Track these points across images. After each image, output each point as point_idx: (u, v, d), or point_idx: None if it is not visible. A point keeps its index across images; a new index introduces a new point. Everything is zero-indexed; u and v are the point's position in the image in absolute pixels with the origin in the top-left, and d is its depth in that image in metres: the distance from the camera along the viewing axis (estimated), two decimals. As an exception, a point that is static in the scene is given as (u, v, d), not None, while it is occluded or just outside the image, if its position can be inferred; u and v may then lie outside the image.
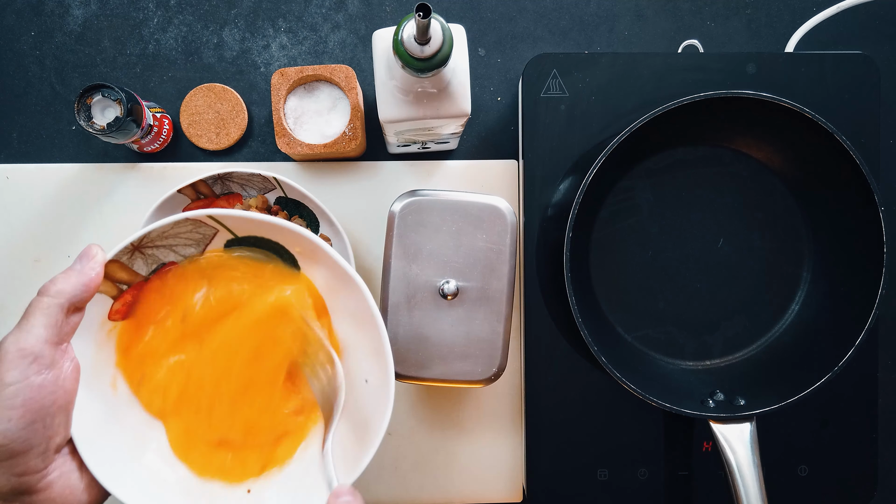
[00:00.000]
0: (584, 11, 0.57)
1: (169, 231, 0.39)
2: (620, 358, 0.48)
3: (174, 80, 0.55)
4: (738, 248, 0.52)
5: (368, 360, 0.40)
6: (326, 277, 0.41)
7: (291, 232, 0.39)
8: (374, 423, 0.39)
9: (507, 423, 0.55)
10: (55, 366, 0.35)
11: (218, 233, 0.40)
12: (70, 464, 0.36)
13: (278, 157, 0.56)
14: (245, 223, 0.40)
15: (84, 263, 0.36)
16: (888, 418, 0.57)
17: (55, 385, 0.35)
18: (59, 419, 0.35)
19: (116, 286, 0.39)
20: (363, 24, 0.56)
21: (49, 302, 0.35)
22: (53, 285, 0.35)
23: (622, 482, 0.52)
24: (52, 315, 0.34)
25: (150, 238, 0.39)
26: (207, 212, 0.38)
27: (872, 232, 0.46)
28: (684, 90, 0.51)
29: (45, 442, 0.34)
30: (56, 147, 0.55)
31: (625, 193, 0.52)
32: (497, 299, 0.43)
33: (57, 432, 0.35)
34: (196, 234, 0.40)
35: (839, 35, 0.58)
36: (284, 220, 0.39)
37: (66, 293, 0.35)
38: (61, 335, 0.35)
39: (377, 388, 0.39)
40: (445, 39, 0.36)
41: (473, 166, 0.55)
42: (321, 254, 0.39)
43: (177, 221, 0.38)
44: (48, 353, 0.34)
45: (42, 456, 0.34)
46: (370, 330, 0.39)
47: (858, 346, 0.45)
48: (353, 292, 0.40)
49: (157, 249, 0.40)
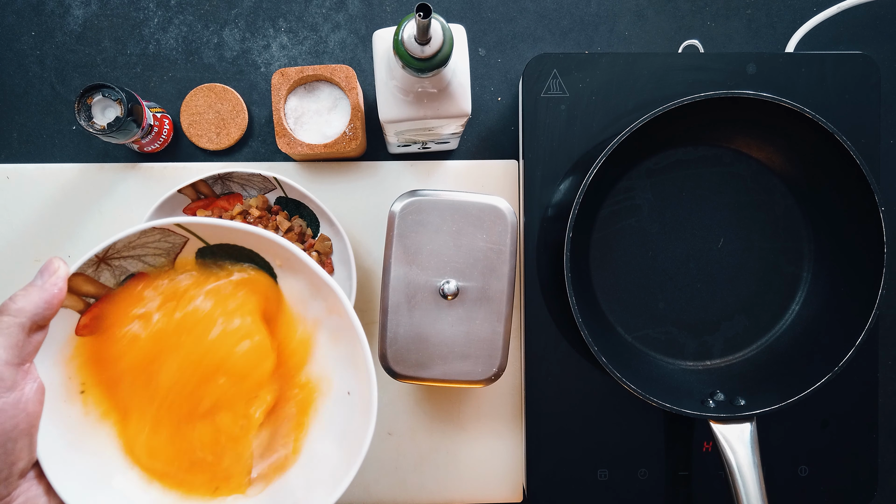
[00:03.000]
0: (585, 11, 0.57)
1: (136, 241, 0.37)
2: (620, 358, 0.48)
3: (174, 80, 0.55)
4: (738, 248, 0.52)
5: (349, 371, 0.39)
6: (303, 285, 0.39)
7: (266, 239, 0.38)
8: (358, 435, 0.38)
9: (507, 423, 0.55)
10: (16, 388, 0.33)
11: (188, 241, 0.39)
12: (36, 488, 0.35)
13: (278, 157, 0.56)
14: (215, 230, 0.38)
15: (45, 279, 0.34)
16: (888, 418, 0.57)
17: (16, 409, 0.33)
18: (20, 443, 0.33)
19: (83, 300, 0.38)
20: (363, 24, 0.56)
21: (9, 321, 0.33)
22: (13, 303, 0.33)
23: (622, 482, 0.52)
24: (12, 335, 0.33)
25: (116, 249, 0.37)
26: (175, 220, 0.37)
27: (872, 232, 0.46)
28: (684, 90, 0.51)
29: (7, 468, 0.33)
30: (56, 147, 0.55)
31: (625, 193, 0.52)
32: (497, 299, 0.43)
33: (20, 457, 0.33)
34: (165, 244, 0.39)
35: (839, 35, 0.58)
36: (256, 227, 0.37)
37: (27, 311, 0.33)
38: (23, 355, 0.34)
39: (360, 400, 0.38)
40: (446, 39, 0.36)
41: (473, 166, 0.55)
42: (296, 261, 0.38)
43: (143, 231, 0.37)
44: (9, 376, 0.33)
45: (5, 482, 0.33)
46: (351, 340, 0.38)
47: (858, 346, 0.45)
48: (331, 300, 0.38)
49: (124, 260, 0.38)
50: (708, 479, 0.53)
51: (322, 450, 0.39)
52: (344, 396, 0.40)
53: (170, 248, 0.39)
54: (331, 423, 0.40)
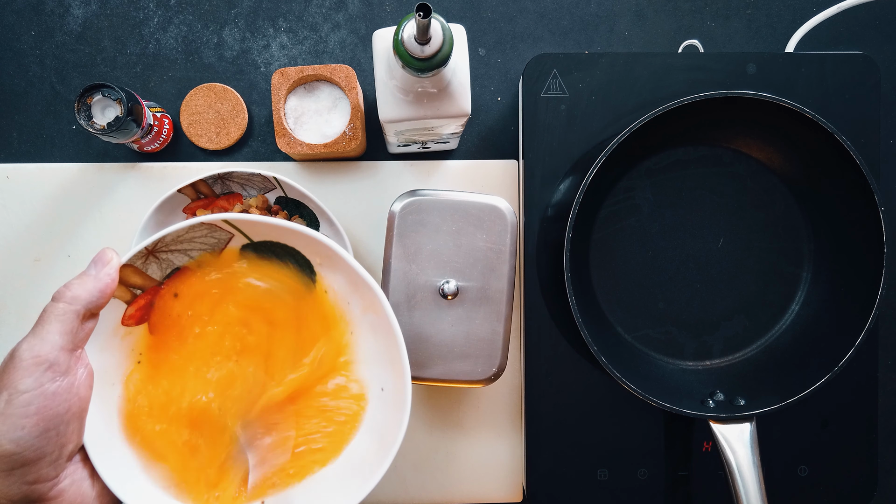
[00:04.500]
0: (585, 11, 0.57)
1: (184, 235, 0.39)
2: (620, 358, 0.48)
3: (174, 79, 0.55)
4: (738, 248, 0.52)
5: (384, 368, 0.40)
6: (343, 283, 0.40)
7: (308, 237, 0.39)
8: (391, 431, 0.39)
9: (507, 423, 0.55)
10: (70, 373, 0.34)
11: (233, 237, 0.40)
12: (82, 471, 0.36)
13: (278, 156, 0.56)
14: (261, 228, 0.39)
15: (99, 268, 0.36)
16: (888, 418, 0.57)
17: (69, 392, 0.34)
18: (72, 426, 0.35)
19: (130, 291, 0.39)
20: (363, 24, 0.56)
21: (65, 308, 0.34)
22: (69, 290, 0.34)
23: (622, 482, 0.52)
24: (67, 322, 0.34)
25: (165, 242, 0.38)
26: (224, 216, 0.38)
27: (872, 232, 0.46)
28: (684, 90, 0.51)
29: (58, 450, 0.34)
30: (56, 147, 0.55)
31: (625, 193, 0.52)
32: (497, 299, 0.43)
33: (70, 440, 0.35)
34: (211, 239, 0.40)
35: (839, 35, 0.58)
36: (302, 226, 0.38)
37: (82, 299, 0.35)
38: (76, 341, 0.35)
39: (394, 397, 0.39)
40: (445, 39, 0.36)
41: (473, 166, 0.55)
42: (338, 259, 0.39)
43: (192, 226, 0.38)
44: (63, 360, 0.34)
45: (54, 464, 0.34)
46: (387, 337, 0.39)
47: (858, 346, 0.45)
48: (370, 298, 0.39)
49: (171, 254, 0.39)
50: (708, 479, 0.53)
51: (355, 445, 0.40)
52: (378, 393, 0.40)
53: (215, 244, 0.40)
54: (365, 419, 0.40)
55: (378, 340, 0.40)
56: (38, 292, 0.53)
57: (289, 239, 0.40)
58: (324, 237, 0.39)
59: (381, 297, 0.39)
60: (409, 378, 0.38)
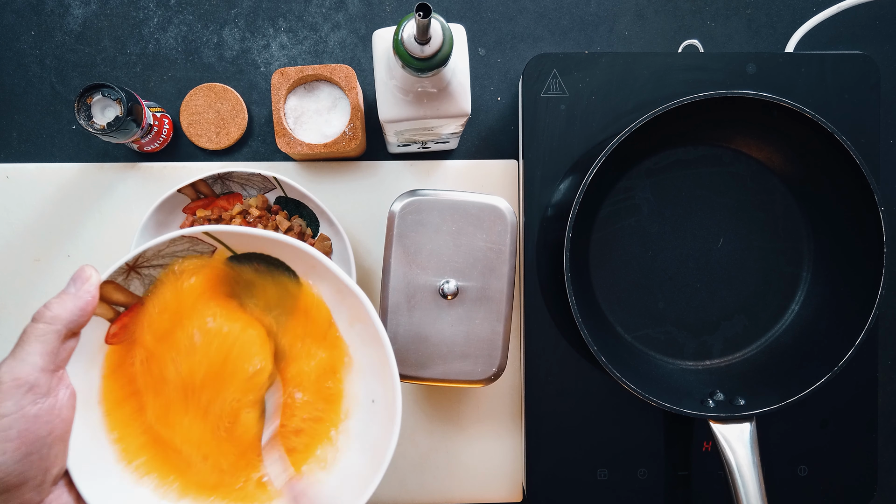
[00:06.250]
0: (584, 11, 0.57)
1: (165, 249, 0.38)
2: (620, 358, 0.48)
3: (174, 79, 0.55)
4: (738, 248, 0.52)
5: (375, 379, 0.40)
6: (329, 292, 0.40)
7: (292, 247, 0.38)
8: (382, 442, 0.38)
9: (507, 423, 0.55)
10: (51, 394, 0.33)
11: (216, 250, 0.39)
12: (67, 496, 0.35)
13: (278, 156, 0.56)
14: (243, 239, 0.38)
15: (79, 286, 0.35)
16: (888, 418, 0.57)
17: (51, 414, 0.33)
18: (55, 449, 0.34)
19: (112, 308, 0.38)
20: (363, 24, 0.56)
21: (45, 328, 0.33)
22: (48, 310, 0.33)
23: (622, 482, 0.52)
24: (48, 342, 0.33)
25: (146, 257, 0.37)
26: (204, 228, 0.37)
27: (872, 232, 0.46)
28: (684, 90, 0.51)
29: (42, 474, 0.33)
30: (56, 147, 0.55)
31: (625, 193, 0.52)
32: (497, 299, 0.43)
33: (54, 463, 0.34)
34: (193, 252, 0.39)
35: (839, 35, 0.58)
36: (284, 236, 0.38)
37: (63, 318, 0.34)
38: (57, 362, 0.34)
39: (384, 408, 0.39)
40: (445, 39, 0.36)
41: (473, 166, 0.55)
42: (322, 269, 0.38)
43: (173, 239, 0.37)
44: (44, 382, 0.33)
45: (38, 489, 0.33)
46: (375, 347, 0.39)
47: (858, 346, 0.45)
48: (356, 307, 0.38)
49: (153, 269, 0.38)
50: (707, 478, 0.53)
51: (346, 458, 0.40)
52: (368, 404, 0.40)
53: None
54: (355, 431, 0.40)
55: (368, 349, 0.39)
56: (38, 292, 0.53)
57: (271, 249, 0.39)
58: (307, 247, 0.38)
59: (368, 306, 0.38)
60: (398, 390, 0.38)
